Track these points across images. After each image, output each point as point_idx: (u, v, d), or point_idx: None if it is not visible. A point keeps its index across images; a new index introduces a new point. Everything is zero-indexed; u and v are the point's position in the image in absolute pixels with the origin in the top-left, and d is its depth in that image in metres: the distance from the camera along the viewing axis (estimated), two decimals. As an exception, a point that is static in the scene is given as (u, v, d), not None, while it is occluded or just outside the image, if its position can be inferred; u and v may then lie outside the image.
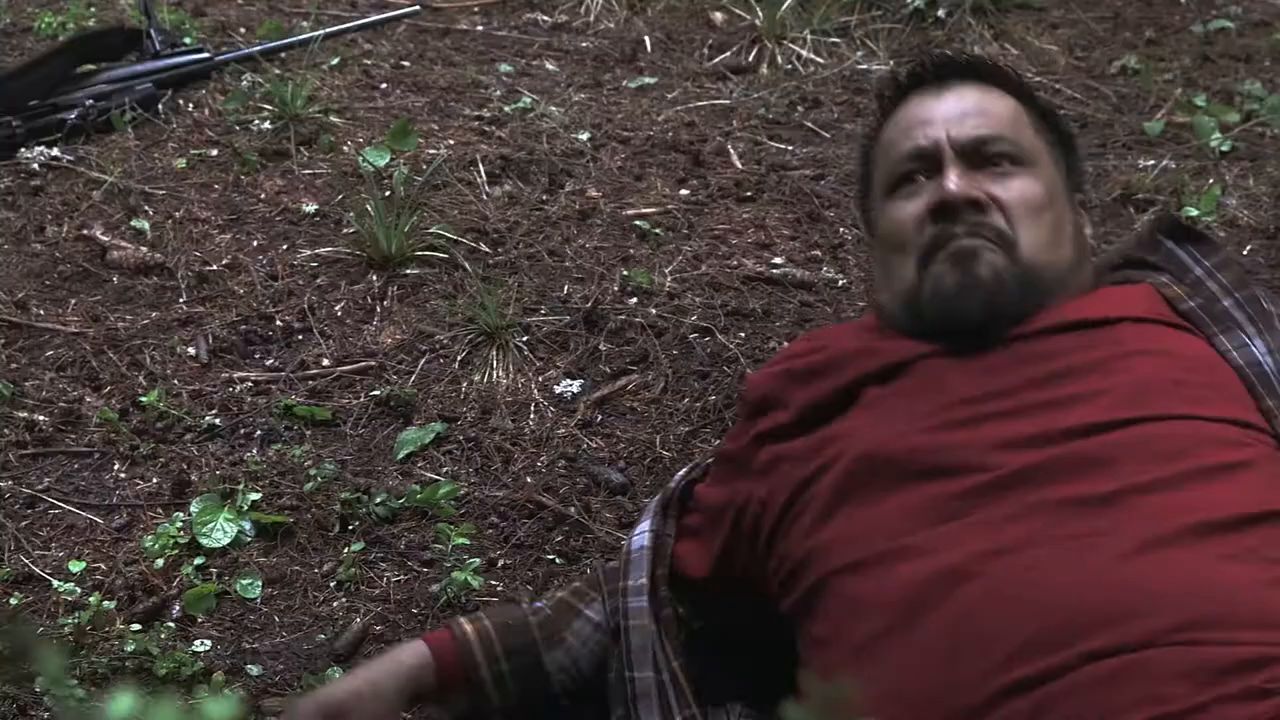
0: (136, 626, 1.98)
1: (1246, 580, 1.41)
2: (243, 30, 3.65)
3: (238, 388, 2.43)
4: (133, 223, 2.82)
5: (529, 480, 2.26)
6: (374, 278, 2.67)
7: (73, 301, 2.64)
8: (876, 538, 1.53)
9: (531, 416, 2.38)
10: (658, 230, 2.83)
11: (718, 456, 1.85)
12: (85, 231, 2.80)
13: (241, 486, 2.20)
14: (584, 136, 3.15)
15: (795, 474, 1.65)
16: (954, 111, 1.74)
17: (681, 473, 1.91)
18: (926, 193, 1.70)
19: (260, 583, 2.07)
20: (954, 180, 1.67)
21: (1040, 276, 1.67)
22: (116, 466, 2.29)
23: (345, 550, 2.12)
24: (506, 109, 3.27)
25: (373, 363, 2.49)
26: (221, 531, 2.13)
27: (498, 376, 2.45)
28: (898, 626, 1.46)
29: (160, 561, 2.08)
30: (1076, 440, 1.52)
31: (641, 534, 1.80)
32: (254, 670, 1.94)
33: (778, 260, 2.77)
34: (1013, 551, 1.44)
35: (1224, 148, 3.18)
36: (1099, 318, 1.65)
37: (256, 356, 2.52)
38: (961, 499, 1.51)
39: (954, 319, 1.65)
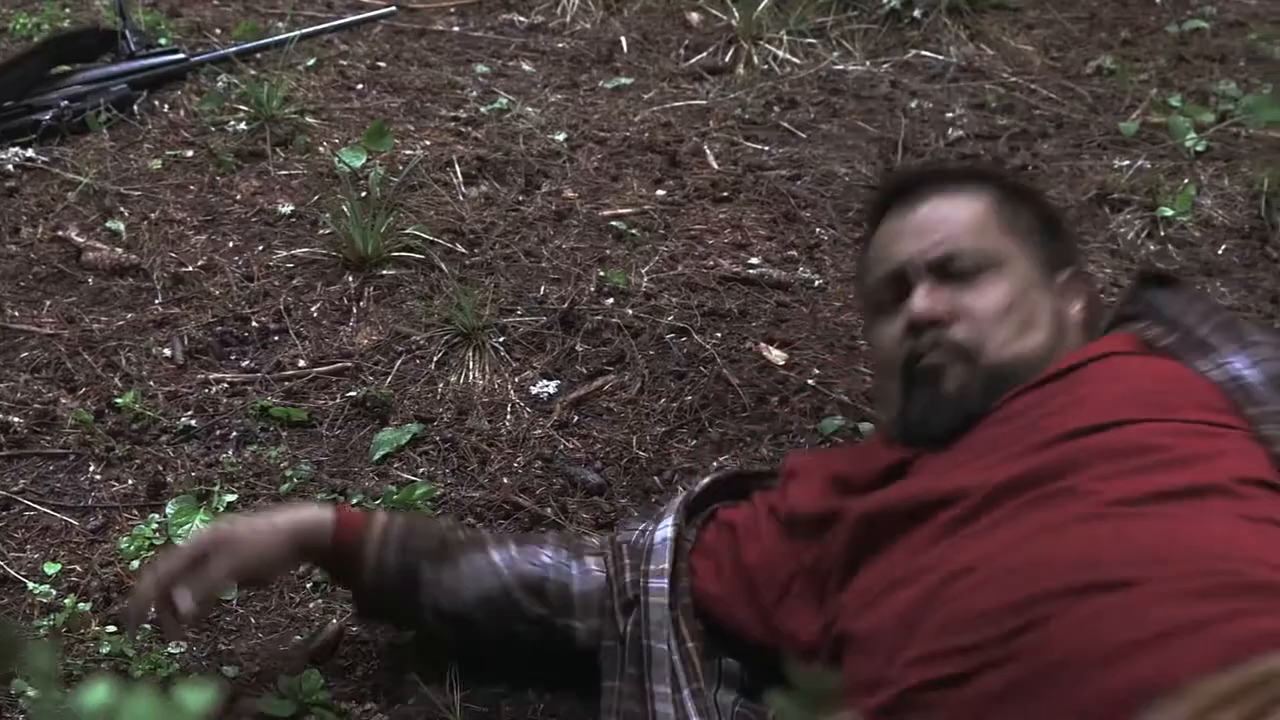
0: (112, 628, 1.98)
1: (1222, 527, 1.47)
2: (218, 31, 3.64)
3: (213, 389, 2.43)
4: (108, 224, 2.81)
5: (505, 481, 2.26)
6: (350, 279, 2.67)
7: (48, 303, 2.63)
8: (882, 580, 1.63)
9: (508, 417, 2.38)
10: (634, 231, 2.83)
11: (759, 496, 1.93)
12: (60, 233, 2.79)
13: (217, 488, 2.19)
14: (560, 137, 3.15)
15: (818, 541, 1.77)
16: (922, 227, 1.86)
17: (706, 480, 2.00)
18: (901, 313, 1.82)
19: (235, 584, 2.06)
20: (919, 301, 1.80)
21: (1009, 371, 1.76)
22: (92, 468, 2.28)
23: (321, 551, 2.12)
24: (483, 110, 3.27)
25: (349, 363, 2.48)
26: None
27: (474, 377, 2.45)
28: (899, 645, 1.53)
29: (136, 563, 2.08)
30: (1052, 448, 1.60)
31: (665, 528, 1.90)
32: (230, 671, 1.93)
33: (754, 260, 2.77)
34: (997, 550, 1.51)
35: (1199, 148, 3.19)
36: (1067, 366, 1.75)
37: (232, 358, 2.51)
38: (952, 523, 1.60)
39: (931, 434, 1.77)
